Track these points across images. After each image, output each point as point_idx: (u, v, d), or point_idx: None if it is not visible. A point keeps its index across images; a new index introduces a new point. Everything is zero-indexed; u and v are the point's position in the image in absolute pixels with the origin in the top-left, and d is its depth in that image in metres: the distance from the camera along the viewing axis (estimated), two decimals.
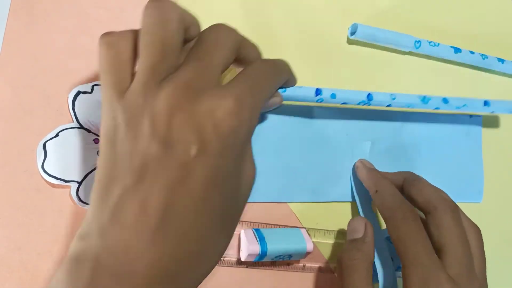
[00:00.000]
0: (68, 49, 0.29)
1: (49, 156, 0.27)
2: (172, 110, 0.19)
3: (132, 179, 0.19)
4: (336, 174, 0.32)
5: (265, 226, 0.31)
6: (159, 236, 0.19)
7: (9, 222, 0.27)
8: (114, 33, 0.22)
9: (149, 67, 0.20)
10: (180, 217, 0.19)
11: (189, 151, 0.19)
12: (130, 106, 0.20)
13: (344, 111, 0.33)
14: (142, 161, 0.19)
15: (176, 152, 0.19)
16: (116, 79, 0.21)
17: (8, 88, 0.28)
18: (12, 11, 0.28)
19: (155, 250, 0.19)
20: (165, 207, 0.19)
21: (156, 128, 0.19)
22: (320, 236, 0.32)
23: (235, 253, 0.30)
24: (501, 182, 0.38)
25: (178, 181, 0.19)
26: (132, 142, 0.20)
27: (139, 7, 0.30)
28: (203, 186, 0.19)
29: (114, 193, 0.19)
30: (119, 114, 0.20)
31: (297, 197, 0.31)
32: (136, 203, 0.19)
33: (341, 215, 0.32)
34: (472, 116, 0.36)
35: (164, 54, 0.20)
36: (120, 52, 0.21)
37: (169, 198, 0.19)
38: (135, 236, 0.19)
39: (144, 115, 0.19)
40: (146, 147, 0.19)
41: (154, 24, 0.21)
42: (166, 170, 0.19)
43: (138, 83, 0.20)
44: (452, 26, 0.37)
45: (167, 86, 0.20)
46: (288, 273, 0.31)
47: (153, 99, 0.19)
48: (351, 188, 0.32)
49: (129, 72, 0.21)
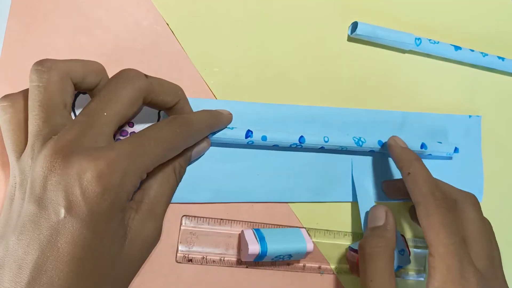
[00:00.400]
0: (68, 49, 0.29)
1: None
2: (47, 172, 0.20)
3: (14, 238, 0.20)
4: (336, 174, 0.32)
5: (265, 226, 0.31)
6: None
7: None
8: (8, 97, 0.23)
9: (34, 131, 0.21)
10: (50, 277, 0.19)
11: (58, 213, 0.20)
12: (23, 167, 0.21)
13: (344, 111, 0.33)
14: (22, 221, 0.20)
15: (48, 213, 0.20)
16: (14, 140, 0.22)
17: (8, 88, 0.28)
18: (12, 12, 0.28)
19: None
20: (37, 268, 0.19)
21: (33, 190, 0.20)
22: (320, 236, 0.32)
23: (235, 253, 0.30)
24: (501, 181, 0.37)
25: (48, 241, 0.19)
26: (21, 203, 0.21)
27: (139, 7, 0.30)
28: (73, 248, 0.20)
29: (0, 251, 0.20)
30: (17, 174, 0.22)
31: (297, 197, 0.31)
32: (14, 263, 0.19)
33: (341, 215, 0.32)
34: (472, 116, 0.36)
35: (47, 117, 0.21)
36: (14, 115, 0.23)
37: (41, 259, 0.19)
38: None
39: (29, 176, 0.21)
40: (25, 208, 0.20)
41: (34, 88, 0.22)
42: (39, 230, 0.20)
43: (28, 146, 0.22)
44: (452, 25, 0.37)
45: (46, 148, 0.20)
46: (288, 273, 0.31)
47: (35, 161, 0.21)
48: (352, 185, 0.32)
49: (25, 132, 0.22)
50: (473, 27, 0.38)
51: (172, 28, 0.31)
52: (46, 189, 0.20)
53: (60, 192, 0.20)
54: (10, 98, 0.23)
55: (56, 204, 0.20)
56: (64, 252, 0.19)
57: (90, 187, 0.20)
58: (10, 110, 0.23)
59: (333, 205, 0.32)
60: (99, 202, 0.20)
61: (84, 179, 0.20)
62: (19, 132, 0.23)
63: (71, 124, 0.21)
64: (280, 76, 0.32)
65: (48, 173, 0.20)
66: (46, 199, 0.20)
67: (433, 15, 0.37)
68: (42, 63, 0.22)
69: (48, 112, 0.21)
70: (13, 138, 0.22)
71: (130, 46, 0.30)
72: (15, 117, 0.23)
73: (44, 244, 0.19)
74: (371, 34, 0.33)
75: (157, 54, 0.30)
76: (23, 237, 0.20)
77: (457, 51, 0.35)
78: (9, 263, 0.20)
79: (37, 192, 0.20)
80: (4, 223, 0.21)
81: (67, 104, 0.22)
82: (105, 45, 0.29)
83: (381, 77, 0.35)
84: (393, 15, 0.36)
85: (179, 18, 0.31)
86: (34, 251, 0.19)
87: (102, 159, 0.20)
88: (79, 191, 0.20)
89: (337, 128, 0.32)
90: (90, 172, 0.20)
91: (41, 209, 0.20)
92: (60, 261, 0.19)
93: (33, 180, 0.20)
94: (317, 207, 0.32)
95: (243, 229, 0.29)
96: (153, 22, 0.30)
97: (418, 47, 0.34)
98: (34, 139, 0.21)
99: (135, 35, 0.30)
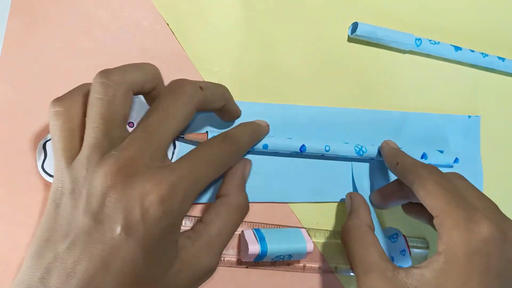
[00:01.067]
0: (68, 49, 0.29)
1: (49, 156, 0.27)
2: (106, 189, 0.20)
3: (64, 246, 0.20)
4: (336, 174, 0.32)
5: (265, 226, 0.31)
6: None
7: (10, 221, 0.27)
8: (62, 101, 0.23)
9: (91, 143, 0.21)
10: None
11: (114, 230, 0.20)
12: (75, 176, 0.21)
13: (344, 111, 0.33)
14: (75, 231, 0.20)
15: (103, 229, 0.20)
16: (64, 146, 0.22)
17: (8, 88, 0.28)
18: (13, 12, 0.28)
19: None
20: (86, 278, 0.19)
21: (90, 203, 0.20)
22: (320, 236, 0.32)
23: (235, 253, 0.30)
24: (500, 182, 0.37)
25: (100, 256, 0.20)
26: (71, 211, 0.21)
27: (139, 7, 0.30)
28: (123, 265, 0.20)
29: (47, 257, 0.20)
30: (66, 180, 0.22)
31: (297, 197, 0.31)
32: (62, 271, 0.20)
33: (341, 215, 0.32)
34: (471, 116, 0.36)
35: (107, 130, 0.21)
36: (67, 121, 0.22)
37: (91, 270, 0.19)
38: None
39: (84, 187, 0.21)
40: (80, 219, 0.20)
41: (98, 100, 0.22)
42: (92, 244, 0.20)
43: (83, 155, 0.21)
44: (452, 25, 0.37)
45: (105, 163, 0.20)
46: (288, 273, 0.31)
47: (92, 174, 0.21)
48: (352, 184, 0.32)
49: (79, 138, 0.22)
50: (474, 27, 0.38)
51: (172, 28, 0.31)
52: (104, 205, 0.20)
53: (119, 210, 0.20)
54: (63, 104, 0.22)
55: (113, 221, 0.20)
56: (114, 268, 0.20)
57: (151, 210, 0.20)
58: (64, 116, 0.22)
59: (333, 205, 0.32)
60: (157, 224, 0.20)
61: (146, 202, 0.20)
62: (71, 139, 0.22)
63: (131, 139, 0.21)
64: (280, 76, 0.32)
65: (107, 190, 0.20)
66: (103, 214, 0.20)
67: (433, 15, 0.37)
68: (108, 76, 0.22)
69: (108, 126, 0.21)
70: (64, 144, 0.22)
71: (130, 46, 0.30)
72: (67, 123, 0.22)
73: (96, 257, 0.20)
74: (371, 35, 0.33)
75: (157, 54, 0.30)
76: (74, 247, 0.20)
77: (457, 52, 0.35)
78: (57, 270, 0.20)
79: (94, 207, 0.20)
80: (49, 227, 0.21)
81: (126, 116, 0.23)
82: (105, 45, 0.29)
83: (381, 77, 0.35)
84: (393, 15, 0.36)
85: (179, 18, 0.31)
86: (85, 262, 0.20)
87: (164, 183, 0.20)
88: (139, 212, 0.20)
89: (337, 128, 0.32)
90: (153, 195, 0.20)
91: (97, 224, 0.20)
92: (108, 276, 0.20)
93: (89, 193, 0.20)
94: (317, 207, 0.32)
95: (243, 229, 0.29)
96: (153, 22, 0.30)
97: (418, 48, 0.34)
98: (91, 150, 0.21)
99: (135, 35, 0.30)
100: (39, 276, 0.20)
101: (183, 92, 0.23)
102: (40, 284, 0.20)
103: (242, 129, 0.27)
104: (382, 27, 0.33)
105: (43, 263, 0.20)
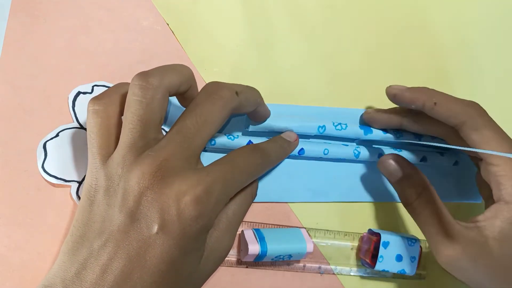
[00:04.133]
0: (68, 49, 0.29)
1: (49, 156, 0.27)
2: (143, 189, 0.21)
3: (99, 243, 0.21)
4: (336, 174, 0.32)
5: (265, 226, 0.31)
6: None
7: (10, 221, 0.27)
8: (101, 100, 0.23)
9: (128, 143, 0.22)
10: (134, 285, 0.20)
11: (151, 228, 0.20)
12: (110, 174, 0.22)
13: (344, 112, 0.33)
14: (110, 228, 0.21)
15: (139, 227, 0.20)
16: (101, 144, 0.23)
17: (9, 88, 0.28)
18: (13, 12, 0.28)
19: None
20: (122, 275, 0.20)
21: (126, 202, 0.21)
22: (320, 236, 0.32)
23: (235, 253, 0.30)
24: None
25: (136, 254, 0.20)
26: (106, 208, 0.21)
27: (139, 7, 0.30)
28: (160, 262, 0.20)
29: (82, 253, 0.21)
30: (101, 178, 0.22)
31: (297, 197, 0.31)
32: (98, 267, 0.20)
33: (341, 215, 0.32)
34: None
35: (144, 131, 0.22)
36: (105, 120, 0.23)
37: (127, 267, 0.20)
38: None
39: (119, 186, 0.21)
40: (115, 217, 0.21)
41: (136, 102, 0.22)
42: (129, 241, 0.20)
43: (119, 154, 0.22)
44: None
45: (142, 163, 0.21)
46: (288, 273, 0.31)
47: (128, 173, 0.21)
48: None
49: (115, 137, 0.23)
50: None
51: (172, 28, 0.31)
52: (140, 204, 0.20)
53: (156, 210, 0.20)
54: (103, 102, 0.23)
55: (150, 220, 0.20)
56: (151, 265, 0.20)
57: (187, 210, 0.20)
58: (102, 114, 0.23)
59: (333, 205, 0.32)
60: (192, 224, 0.21)
61: (182, 202, 0.20)
62: (107, 137, 0.23)
63: (167, 141, 0.22)
64: (279, 76, 0.32)
65: (144, 189, 0.21)
66: (139, 213, 0.20)
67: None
68: (147, 80, 0.22)
69: (145, 127, 0.22)
70: (100, 142, 0.23)
71: (130, 46, 0.30)
72: (105, 122, 0.23)
73: (132, 254, 0.20)
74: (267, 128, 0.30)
75: (157, 54, 0.30)
76: (110, 244, 0.20)
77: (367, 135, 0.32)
78: (93, 266, 0.20)
79: (130, 205, 0.21)
80: (84, 223, 0.22)
81: (162, 118, 0.23)
82: (105, 45, 0.29)
83: (380, 76, 0.35)
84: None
85: (179, 18, 0.31)
86: (121, 259, 0.20)
87: (200, 184, 0.21)
88: (175, 212, 0.20)
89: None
90: (189, 196, 0.21)
91: (133, 221, 0.20)
92: (145, 272, 0.20)
93: (126, 192, 0.21)
94: (317, 207, 0.32)
95: (243, 229, 0.29)
96: (153, 22, 0.30)
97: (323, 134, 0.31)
98: (127, 150, 0.21)
99: (135, 35, 0.30)
100: (74, 271, 0.20)
101: (220, 97, 0.23)
102: (76, 278, 0.20)
103: (272, 145, 0.28)
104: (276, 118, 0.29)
105: (78, 259, 0.21)
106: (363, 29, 0.34)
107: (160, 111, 0.22)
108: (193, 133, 0.22)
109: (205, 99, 0.23)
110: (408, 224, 0.34)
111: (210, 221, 0.22)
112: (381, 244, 0.30)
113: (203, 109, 0.23)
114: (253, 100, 0.26)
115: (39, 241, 0.27)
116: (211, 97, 0.23)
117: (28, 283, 0.27)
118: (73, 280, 0.20)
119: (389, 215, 0.33)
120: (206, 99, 0.23)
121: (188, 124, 0.22)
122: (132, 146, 0.22)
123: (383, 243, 0.30)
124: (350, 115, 0.33)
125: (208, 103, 0.23)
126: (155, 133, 0.22)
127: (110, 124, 0.23)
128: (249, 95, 0.25)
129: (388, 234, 0.31)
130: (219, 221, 0.24)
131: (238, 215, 0.25)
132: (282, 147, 0.29)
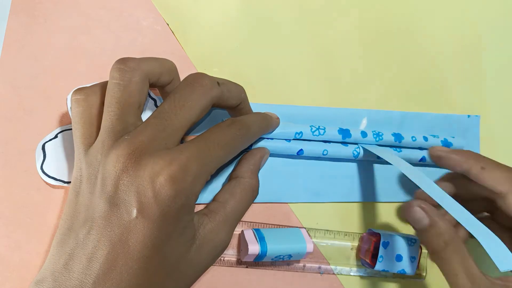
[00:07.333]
0: (68, 49, 0.29)
1: (48, 158, 0.27)
2: (119, 172, 0.20)
3: (84, 232, 0.21)
4: (336, 174, 0.32)
5: (265, 226, 0.31)
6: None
7: (9, 221, 0.27)
8: (83, 90, 0.23)
9: (106, 127, 0.22)
10: (120, 272, 0.20)
11: (130, 213, 0.20)
12: (91, 161, 0.22)
13: (344, 112, 0.33)
14: (93, 216, 0.21)
15: (119, 212, 0.20)
16: (83, 133, 0.23)
17: (9, 88, 0.28)
18: (13, 12, 0.28)
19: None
20: (107, 262, 0.20)
21: (105, 187, 0.21)
22: (320, 236, 0.32)
23: (235, 253, 0.30)
24: None
25: (119, 240, 0.20)
26: (89, 197, 0.21)
27: (139, 7, 0.30)
28: (143, 247, 0.20)
29: (69, 244, 0.21)
30: (83, 167, 0.22)
31: (297, 197, 0.31)
32: (84, 256, 0.20)
33: (341, 215, 0.32)
34: (470, 116, 0.36)
35: (122, 114, 0.22)
36: (87, 109, 0.23)
37: (111, 254, 0.20)
38: (80, 285, 0.20)
39: (99, 172, 0.21)
40: (96, 204, 0.21)
41: (115, 85, 0.22)
42: (110, 228, 0.20)
43: (98, 141, 0.22)
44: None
45: (118, 147, 0.21)
46: (288, 273, 0.31)
47: (105, 158, 0.21)
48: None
49: (96, 127, 0.23)
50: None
51: (172, 28, 0.31)
52: (118, 189, 0.20)
53: (133, 193, 0.20)
54: (84, 92, 0.23)
55: (128, 204, 0.20)
56: (135, 250, 0.20)
57: (163, 191, 0.20)
58: (83, 103, 0.23)
59: (333, 205, 0.32)
60: (170, 204, 0.20)
61: (157, 183, 0.20)
62: (89, 126, 0.23)
63: (144, 125, 0.22)
64: (279, 76, 0.32)
65: (120, 173, 0.20)
66: (118, 198, 0.20)
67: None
68: (125, 63, 0.22)
69: (123, 110, 0.22)
70: (82, 131, 0.23)
71: (130, 46, 0.30)
72: (87, 111, 0.23)
73: (115, 241, 0.20)
74: None
75: (157, 54, 0.30)
76: (93, 232, 0.20)
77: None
78: (79, 256, 0.20)
79: (108, 190, 0.20)
80: (71, 215, 0.22)
81: (141, 104, 0.23)
82: (105, 45, 0.29)
83: (380, 77, 0.35)
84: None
85: (179, 18, 0.31)
86: (105, 246, 0.20)
87: (174, 163, 0.21)
88: (152, 194, 0.20)
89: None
90: (163, 176, 0.20)
91: (113, 207, 0.20)
92: (130, 258, 0.20)
93: (104, 177, 0.21)
94: (317, 207, 0.32)
95: (243, 229, 0.29)
96: (153, 22, 0.30)
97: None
98: (106, 135, 0.21)
99: (135, 35, 0.30)
100: (62, 263, 0.20)
101: (200, 84, 0.23)
102: (64, 270, 0.20)
103: (253, 116, 0.27)
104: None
105: (66, 250, 0.21)
106: (363, 29, 0.34)
107: (139, 96, 0.22)
108: (170, 116, 0.22)
109: (185, 87, 0.23)
110: (408, 224, 0.34)
111: (189, 200, 0.21)
112: (381, 244, 0.30)
113: (181, 95, 0.23)
114: (236, 93, 0.26)
115: (39, 241, 0.27)
116: (191, 84, 0.23)
117: (28, 283, 0.27)
118: (62, 272, 0.20)
119: (389, 215, 0.33)
120: (185, 87, 0.23)
121: (166, 108, 0.22)
122: (110, 131, 0.21)
123: (383, 243, 0.30)
124: (350, 115, 0.33)
125: (188, 89, 0.23)
126: (134, 118, 0.22)
127: (92, 114, 0.23)
128: (232, 87, 0.25)
129: (388, 234, 0.31)
130: (215, 213, 0.24)
131: (236, 210, 0.25)
132: (263, 118, 0.28)
